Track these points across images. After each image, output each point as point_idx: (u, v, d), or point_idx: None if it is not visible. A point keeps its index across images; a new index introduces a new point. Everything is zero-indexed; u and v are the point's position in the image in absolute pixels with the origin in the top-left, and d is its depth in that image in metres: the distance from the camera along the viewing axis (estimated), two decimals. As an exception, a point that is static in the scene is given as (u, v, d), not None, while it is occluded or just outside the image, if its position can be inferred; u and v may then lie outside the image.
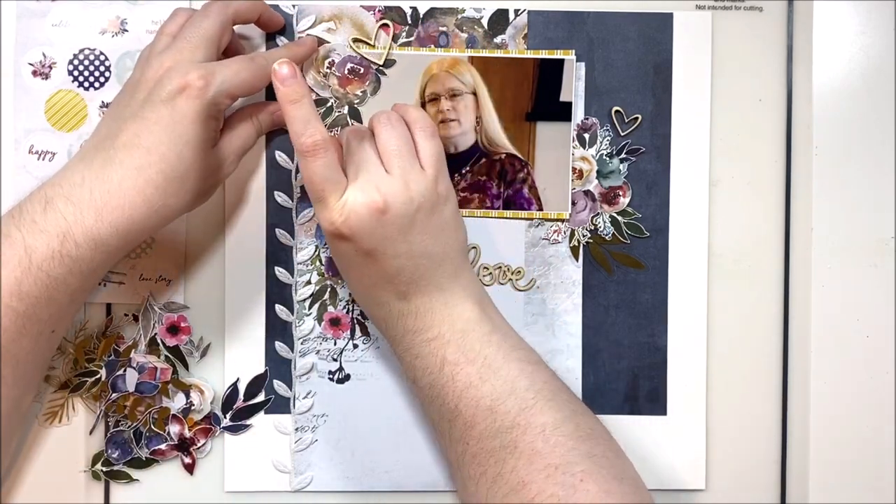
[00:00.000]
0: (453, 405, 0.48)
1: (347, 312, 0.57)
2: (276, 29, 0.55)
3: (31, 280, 0.45)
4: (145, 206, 0.46)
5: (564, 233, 0.57)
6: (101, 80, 0.56)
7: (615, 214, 0.57)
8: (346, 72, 0.56)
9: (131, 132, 0.47)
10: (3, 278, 0.45)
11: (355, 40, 0.56)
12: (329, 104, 0.56)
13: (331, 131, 0.56)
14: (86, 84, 0.56)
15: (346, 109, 0.56)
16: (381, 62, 0.56)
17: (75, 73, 0.55)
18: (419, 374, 0.50)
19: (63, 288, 0.46)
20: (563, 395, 0.49)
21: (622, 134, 0.57)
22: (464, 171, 0.56)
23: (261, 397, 0.56)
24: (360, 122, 0.56)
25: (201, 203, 0.52)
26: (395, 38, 0.56)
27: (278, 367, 0.56)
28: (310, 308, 0.56)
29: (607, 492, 0.44)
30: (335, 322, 0.57)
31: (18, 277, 0.45)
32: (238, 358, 0.56)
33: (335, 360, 0.57)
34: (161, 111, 0.46)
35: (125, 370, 0.55)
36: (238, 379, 0.56)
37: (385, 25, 0.56)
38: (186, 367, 0.56)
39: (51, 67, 0.55)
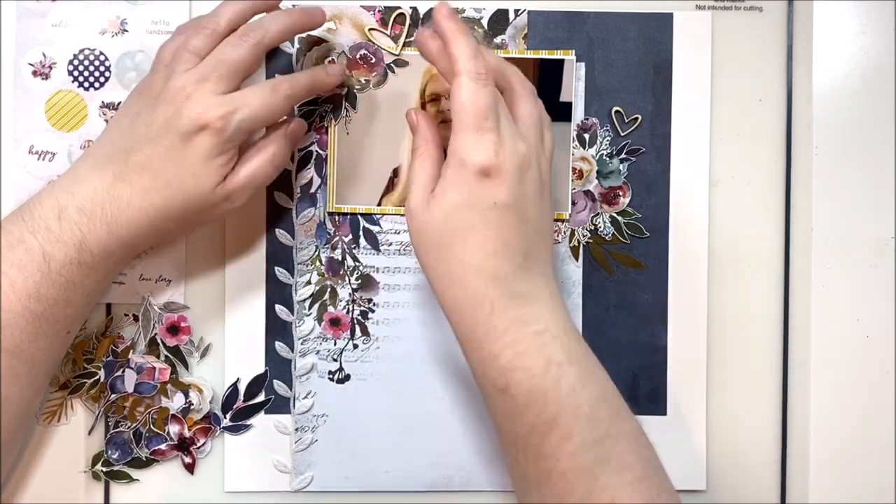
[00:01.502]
0: (552, 414, 0.44)
1: (347, 313, 0.57)
2: (316, 28, 0.53)
3: (49, 284, 0.46)
4: (149, 227, 0.48)
5: (564, 233, 0.57)
6: (101, 80, 0.56)
7: (615, 214, 0.57)
8: (357, 56, 0.56)
9: (145, 154, 0.47)
10: (21, 282, 0.46)
11: (372, 30, 0.56)
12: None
13: (327, 113, 0.56)
14: (86, 84, 0.56)
15: (344, 91, 0.56)
16: (397, 53, 0.56)
17: (75, 73, 0.55)
18: (518, 377, 0.44)
19: (80, 290, 0.48)
20: (621, 399, 0.47)
21: (622, 134, 0.57)
22: (464, 171, 0.56)
23: (261, 397, 0.56)
24: (356, 109, 0.56)
25: (202, 227, 0.53)
26: (395, 39, 0.56)
27: (278, 367, 0.56)
28: (310, 308, 0.56)
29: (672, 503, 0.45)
30: (335, 322, 0.57)
31: (37, 281, 0.46)
32: (238, 358, 0.56)
33: (335, 360, 0.57)
34: (175, 141, 0.47)
35: (124, 371, 0.55)
36: (238, 379, 0.56)
37: (401, 15, 0.56)
38: (187, 367, 0.56)
39: (51, 67, 0.55)
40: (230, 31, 0.49)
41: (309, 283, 0.56)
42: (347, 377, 0.57)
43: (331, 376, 0.57)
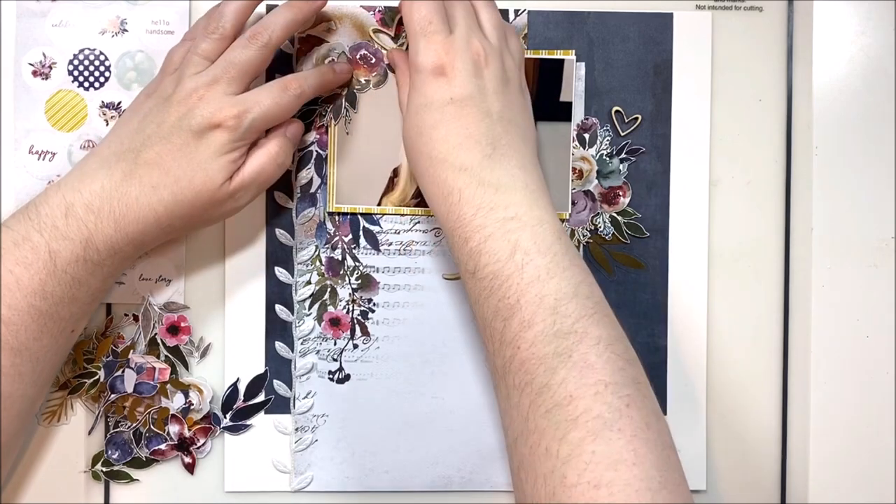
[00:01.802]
0: (514, 300, 0.44)
1: (347, 313, 0.57)
2: (317, 12, 0.54)
3: (55, 281, 0.47)
4: (155, 224, 0.48)
5: (564, 233, 0.57)
6: (101, 80, 0.56)
7: (615, 214, 0.57)
8: (357, 56, 0.56)
9: (155, 152, 0.48)
10: (27, 280, 0.46)
11: (376, 31, 0.56)
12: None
13: (327, 113, 0.56)
14: (86, 84, 0.56)
15: (344, 92, 0.56)
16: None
17: (75, 73, 0.55)
18: (484, 261, 0.45)
19: (85, 288, 0.48)
20: (613, 314, 0.46)
21: (622, 134, 0.57)
22: (464, 171, 0.56)
23: (261, 397, 0.56)
24: (356, 109, 0.56)
25: (204, 227, 0.53)
26: (395, 39, 0.56)
27: (278, 367, 0.56)
28: (310, 308, 0.56)
29: (647, 424, 0.41)
30: (335, 322, 0.57)
31: (43, 279, 0.46)
32: (238, 358, 0.56)
33: (335, 360, 0.57)
34: (188, 139, 0.48)
35: (124, 371, 0.55)
36: (238, 379, 0.56)
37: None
38: (187, 367, 0.56)
39: (51, 67, 0.55)
40: (236, 33, 0.51)
41: (309, 283, 0.56)
42: (347, 377, 0.57)
43: (331, 376, 0.57)
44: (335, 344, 0.57)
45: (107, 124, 0.56)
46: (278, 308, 0.56)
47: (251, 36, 0.50)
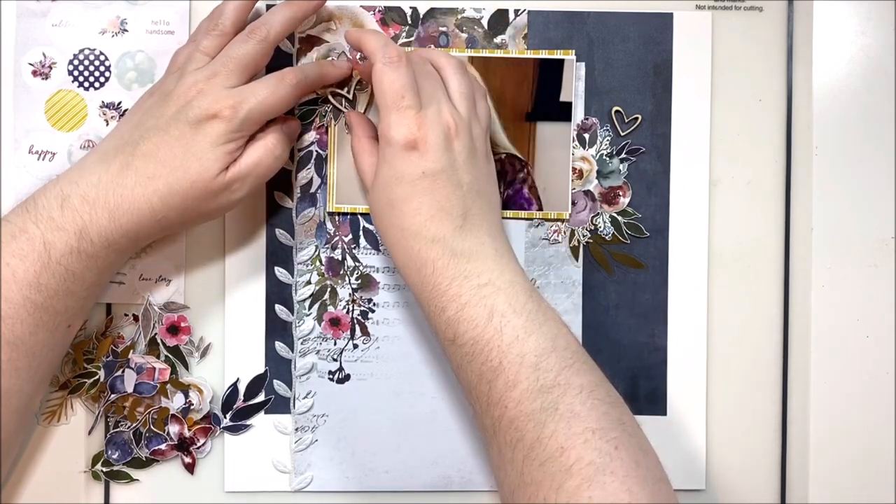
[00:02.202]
0: (497, 362, 0.45)
1: (347, 312, 0.57)
2: (316, 10, 0.54)
3: (49, 273, 0.47)
4: (150, 215, 0.48)
5: (564, 233, 0.57)
6: (101, 80, 0.56)
7: (615, 214, 0.57)
8: (357, 57, 0.56)
9: (152, 143, 0.48)
10: (22, 272, 0.46)
11: (334, 94, 0.56)
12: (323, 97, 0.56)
13: (327, 113, 0.56)
14: (86, 84, 0.56)
15: (345, 90, 0.56)
16: None
17: (75, 73, 0.55)
18: (463, 328, 0.46)
19: (80, 282, 0.48)
20: (591, 360, 0.47)
21: (622, 134, 0.57)
22: (464, 171, 0.56)
23: (261, 397, 0.56)
24: (355, 107, 0.56)
25: (200, 223, 0.53)
26: (395, 39, 0.56)
27: (278, 367, 0.56)
28: (310, 308, 0.56)
29: (637, 462, 0.43)
30: (335, 322, 0.57)
31: (37, 271, 0.47)
32: (238, 358, 0.56)
33: (335, 360, 0.57)
34: (185, 129, 0.48)
35: (124, 371, 0.55)
36: (238, 379, 0.56)
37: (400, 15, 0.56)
38: (187, 367, 0.56)
39: (51, 67, 0.55)
40: (236, 30, 0.51)
41: (309, 283, 0.56)
42: (347, 377, 0.57)
43: (331, 376, 0.57)
44: (335, 344, 0.57)
45: (107, 124, 0.56)
46: (278, 308, 0.56)
47: (250, 31, 0.50)
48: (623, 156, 0.57)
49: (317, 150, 0.56)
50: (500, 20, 0.57)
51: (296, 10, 0.52)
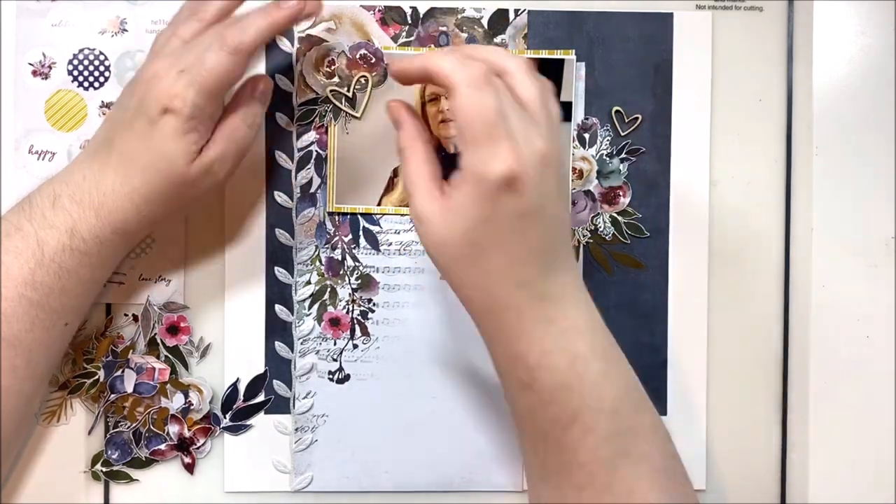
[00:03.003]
0: (575, 408, 0.43)
1: (347, 312, 0.57)
2: (297, 21, 0.50)
3: (43, 270, 0.47)
4: (135, 212, 0.48)
5: (564, 233, 0.57)
6: (101, 80, 0.56)
7: (615, 214, 0.57)
8: (357, 56, 0.56)
9: (122, 139, 0.48)
10: (17, 269, 0.47)
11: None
12: (323, 96, 0.56)
13: (327, 113, 0.56)
14: (86, 84, 0.56)
15: (345, 90, 0.56)
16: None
17: (75, 73, 0.55)
18: (542, 376, 0.43)
19: (75, 279, 0.48)
20: (645, 392, 0.47)
21: (622, 134, 0.57)
22: (464, 171, 0.56)
23: (261, 397, 0.56)
24: (354, 108, 0.56)
25: (195, 208, 0.52)
26: (395, 38, 0.56)
27: (278, 367, 0.56)
28: (310, 308, 0.56)
29: (685, 494, 0.46)
30: (335, 322, 0.57)
31: (32, 268, 0.47)
32: (238, 358, 0.56)
33: (335, 360, 0.57)
34: (145, 125, 0.47)
35: (123, 371, 0.55)
36: (238, 379, 0.56)
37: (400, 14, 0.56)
38: (186, 367, 0.56)
39: (51, 67, 0.55)
40: (218, 21, 0.49)
41: (309, 283, 0.56)
42: (347, 377, 0.57)
43: (331, 376, 0.57)
44: (335, 344, 0.57)
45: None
46: (278, 308, 0.56)
47: (222, 38, 0.47)
48: (623, 156, 0.57)
49: (317, 150, 0.56)
50: (500, 20, 0.57)
51: (271, 19, 0.48)
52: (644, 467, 0.44)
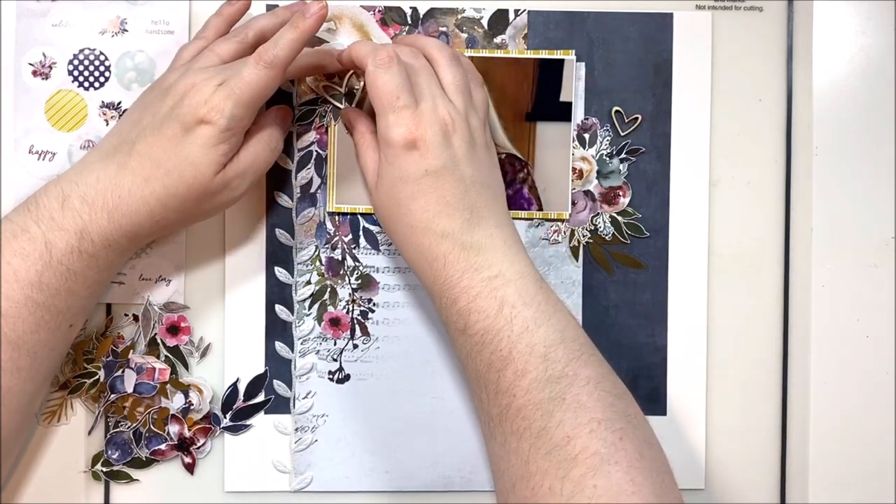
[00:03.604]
0: (507, 351, 0.46)
1: (347, 312, 0.57)
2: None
3: (51, 273, 0.47)
4: (149, 216, 0.48)
5: (564, 233, 0.57)
6: (101, 80, 0.56)
7: (615, 214, 0.57)
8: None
9: (147, 143, 0.48)
10: (24, 271, 0.46)
11: (327, 88, 0.56)
12: (322, 97, 0.56)
13: (327, 113, 0.56)
14: (86, 84, 0.56)
15: (343, 89, 0.56)
16: None
17: (75, 73, 0.55)
18: (473, 319, 0.47)
19: (81, 281, 0.48)
20: (598, 352, 0.48)
21: (622, 134, 0.57)
22: (464, 171, 0.56)
23: (261, 397, 0.56)
24: (352, 102, 0.56)
25: (202, 220, 0.52)
26: (395, 39, 0.56)
27: (278, 367, 0.56)
28: (310, 308, 0.56)
29: (641, 454, 0.44)
30: (335, 322, 0.57)
31: (39, 270, 0.47)
32: (238, 358, 0.56)
33: (335, 360, 0.57)
34: (177, 131, 0.48)
35: (124, 371, 0.55)
36: (238, 379, 0.56)
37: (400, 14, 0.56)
38: (187, 367, 0.56)
39: (51, 67, 0.55)
40: (257, 44, 0.50)
41: (309, 283, 0.56)
42: (347, 377, 0.57)
43: (331, 376, 0.57)
44: (335, 344, 0.57)
45: (107, 124, 0.56)
46: (278, 308, 0.56)
47: (258, 55, 0.48)
48: (623, 156, 0.57)
49: (317, 150, 0.56)
50: (500, 20, 0.57)
51: (300, 30, 0.49)
52: (583, 416, 0.44)
